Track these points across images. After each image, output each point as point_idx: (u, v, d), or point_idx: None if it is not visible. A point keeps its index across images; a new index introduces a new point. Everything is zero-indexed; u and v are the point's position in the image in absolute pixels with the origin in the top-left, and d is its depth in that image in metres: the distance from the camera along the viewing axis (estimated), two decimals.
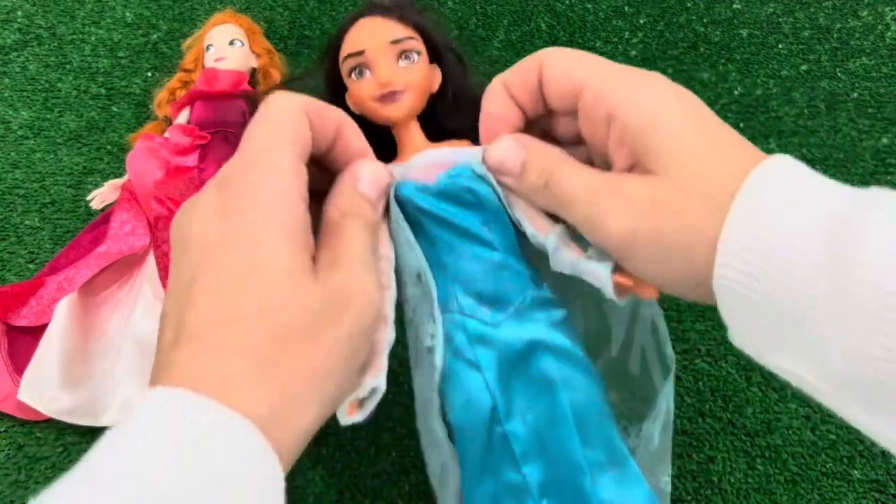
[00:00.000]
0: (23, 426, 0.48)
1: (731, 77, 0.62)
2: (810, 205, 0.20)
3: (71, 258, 0.53)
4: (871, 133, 0.58)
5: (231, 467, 0.17)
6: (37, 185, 0.59)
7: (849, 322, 0.18)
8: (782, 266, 0.20)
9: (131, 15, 0.69)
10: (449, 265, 0.28)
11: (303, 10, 0.69)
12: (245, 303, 0.20)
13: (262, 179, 0.22)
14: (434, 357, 0.26)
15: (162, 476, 0.16)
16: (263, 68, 0.60)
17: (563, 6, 0.67)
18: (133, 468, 0.16)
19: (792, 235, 0.20)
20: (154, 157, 0.53)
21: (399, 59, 0.29)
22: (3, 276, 0.55)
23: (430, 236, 0.28)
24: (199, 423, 0.17)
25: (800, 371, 0.21)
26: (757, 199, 0.21)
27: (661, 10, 0.66)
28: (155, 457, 0.16)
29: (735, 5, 0.66)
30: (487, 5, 0.68)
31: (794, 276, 0.19)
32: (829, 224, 0.19)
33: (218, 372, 0.18)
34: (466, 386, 0.27)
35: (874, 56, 0.62)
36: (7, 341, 0.50)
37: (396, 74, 0.29)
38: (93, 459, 0.17)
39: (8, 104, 0.63)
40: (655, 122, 0.23)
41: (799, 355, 0.21)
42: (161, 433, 0.17)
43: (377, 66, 0.29)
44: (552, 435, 0.26)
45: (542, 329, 0.27)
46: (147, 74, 0.65)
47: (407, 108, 0.29)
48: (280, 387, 0.19)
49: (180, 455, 0.16)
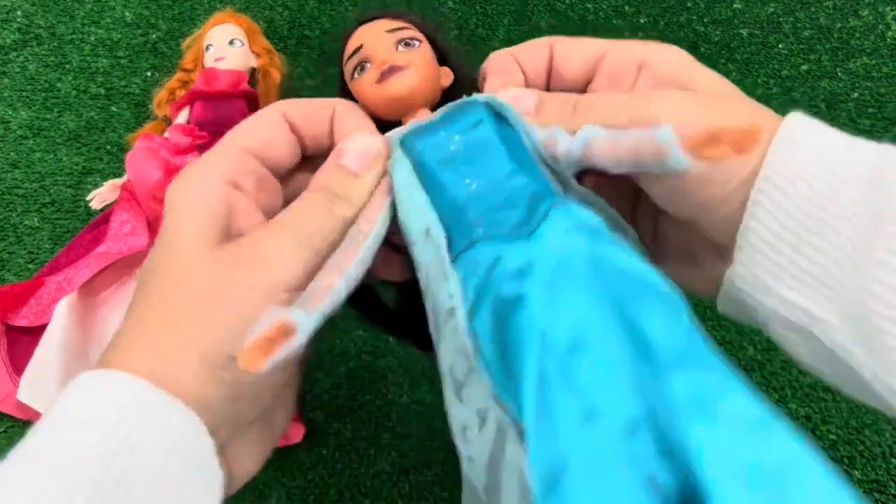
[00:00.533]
0: (22, 426, 0.48)
1: (732, 77, 0.61)
2: (847, 149, 0.22)
3: (70, 258, 0.53)
4: (872, 133, 0.58)
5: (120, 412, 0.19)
6: (36, 185, 0.59)
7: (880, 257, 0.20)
8: (821, 196, 0.21)
9: (131, 14, 0.69)
10: (460, 196, 0.25)
11: (303, 10, 0.69)
12: (153, 285, 0.22)
13: (185, 176, 0.25)
14: (456, 320, 0.23)
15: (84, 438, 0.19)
16: (263, 68, 0.60)
17: (564, 6, 0.67)
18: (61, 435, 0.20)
19: (832, 169, 0.21)
20: (153, 156, 0.53)
21: (398, 46, 0.28)
22: (2, 276, 0.54)
23: (438, 178, 0.26)
24: (99, 388, 0.20)
25: (811, 305, 0.21)
26: (795, 134, 0.23)
27: (662, 10, 0.66)
28: (75, 425, 0.20)
29: (735, 5, 0.66)
30: (487, 5, 0.68)
31: (834, 204, 0.21)
32: (868, 168, 0.21)
33: (125, 347, 0.21)
34: (514, 326, 0.22)
35: (875, 56, 0.62)
36: (7, 341, 0.50)
37: (395, 54, 0.28)
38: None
39: (7, 104, 0.63)
40: (690, 69, 0.25)
41: (814, 288, 0.21)
42: (69, 401, 0.20)
43: (375, 53, 0.28)
44: (624, 351, 0.20)
45: (582, 235, 0.23)
46: (146, 74, 0.65)
47: (409, 83, 0.27)
48: (163, 348, 0.21)
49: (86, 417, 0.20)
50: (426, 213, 0.25)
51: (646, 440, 0.18)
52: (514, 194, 0.25)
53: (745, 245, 0.23)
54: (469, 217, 0.25)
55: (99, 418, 0.19)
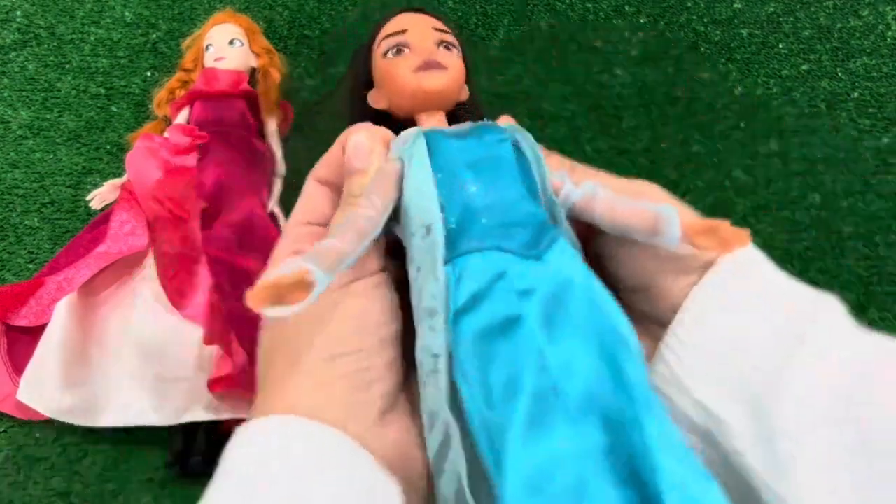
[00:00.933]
0: (22, 426, 0.48)
1: (732, 77, 0.61)
2: (786, 291, 0.25)
3: (70, 258, 0.53)
4: (872, 133, 0.58)
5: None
6: (36, 185, 0.59)
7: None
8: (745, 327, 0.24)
9: (131, 14, 0.69)
10: (476, 201, 0.26)
11: (302, 10, 0.69)
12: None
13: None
14: (434, 321, 0.24)
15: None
16: (263, 68, 0.60)
17: (564, 5, 0.67)
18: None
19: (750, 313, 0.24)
20: (153, 156, 0.52)
21: (440, 46, 0.29)
22: (2, 276, 0.54)
23: (462, 177, 0.26)
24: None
25: (724, 412, 0.23)
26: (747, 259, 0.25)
27: (662, 10, 0.66)
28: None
29: (736, 5, 0.66)
30: (487, 5, 0.68)
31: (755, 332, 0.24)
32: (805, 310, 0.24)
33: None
34: (511, 342, 0.23)
35: (875, 56, 0.62)
36: (6, 341, 0.50)
37: (437, 52, 0.29)
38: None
39: (7, 104, 0.63)
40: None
41: (719, 387, 0.23)
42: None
43: (419, 42, 0.29)
44: (604, 386, 0.22)
45: (579, 269, 0.25)
46: (146, 74, 0.65)
47: (445, 82, 0.28)
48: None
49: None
50: (432, 211, 0.26)
51: (607, 466, 0.21)
52: (526, 217, 0.26)
53: (671, 341, 0.25)
54: (483, 224, 0.25)
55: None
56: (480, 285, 0.24)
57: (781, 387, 0.22)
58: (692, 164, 0.58)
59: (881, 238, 0.54)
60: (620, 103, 0.61)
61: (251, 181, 0.54)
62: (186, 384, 0.46)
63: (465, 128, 0.28)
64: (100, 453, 0.47)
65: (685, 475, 0.21)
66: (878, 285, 0.52)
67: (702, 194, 0.56)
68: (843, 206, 0.55)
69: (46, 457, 0.47)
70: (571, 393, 0.22)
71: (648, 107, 0.61)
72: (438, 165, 0.27)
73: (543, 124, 0.60)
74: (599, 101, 0.61)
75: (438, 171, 0.26)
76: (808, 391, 0.22)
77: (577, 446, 0.21)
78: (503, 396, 0.23)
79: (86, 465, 0.47)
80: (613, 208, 0.26)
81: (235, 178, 0.53)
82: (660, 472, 0.20)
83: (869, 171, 0.56)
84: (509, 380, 0.23)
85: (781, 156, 0.58)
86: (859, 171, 0.57)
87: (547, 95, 0.61)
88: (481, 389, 0.23)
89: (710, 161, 0.58)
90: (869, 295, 0.52)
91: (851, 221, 0.55)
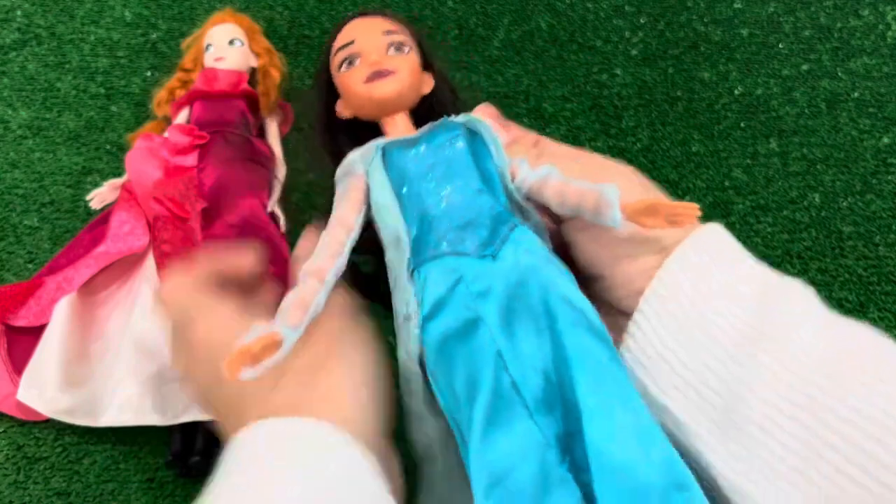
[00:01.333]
0: (22, 426, 0.48)
1: (732, 76, 0.61)
2: (742, 276, 0.25)
3: (70, 258, 0.53)
4: (872, 133, 0.58)
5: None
6: (36, 185, 0.59)
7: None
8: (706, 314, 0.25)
9: (130, 14, 0.69)
10: (432, 209, 0.27)
11: (302, 10, 0.69)
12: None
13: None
14: (410, 326, 0.26)
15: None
16: (263, 68, 0.60)
17: (564, 5, 0.67)
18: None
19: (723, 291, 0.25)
20: (153, 156, 0.52)
21: (388, 49, 0.30)
22: (2, 276, 0.54)
23: (416, 188, 0.28)
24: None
25: (680, 412, 0.24)
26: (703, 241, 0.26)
27: (662, 9, 0.66)
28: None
29: (736, 4, 0.66)
30: (487, 5, 0.68)
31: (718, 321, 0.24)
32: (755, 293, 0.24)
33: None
34: (470, 344, 0.24)
35: (875, 55, 0.62)
36: (6, 341, 0.50)
37: (386, 58, 0.29)
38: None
39: (7, 104, 0.63)
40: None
41: (684, 392, 0.24)
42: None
43: (367, 52, 0.29)
44: (562, 379, 0.23)
45: (536, 258, 0.26)
46: (146, 74, 0.65)
47: (395, 88, 0.29)
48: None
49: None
50: (398, 222, 0.27)
51: (559, 456, 0.22)
52: (480, 214, 0.27)
53: (633, 330, 0.26)
54: (439, 230, 0.27)
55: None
56: (441, 292, 0.26)
57: (744, 379, 0.22)
58: (692, 164, 0.58)
59: (881, 238, 0.54)
60: (620, 103, 0.61)
61: (251, 181, 0.54)
62: None
63: (418, 134, 0.29)
64: (100, 453, 0.47)
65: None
66: (878, 285, 0.52)
67: (702, 194, 0.56)
68: (843, 206, 0.55)
69: (46, 457, 0.47)
70: (530, 386, 0.23)
71: (648, 107, 0.61)
72: (397, 180, 0.28)
73: (543, 124, 0.60)
74: (599, 100, 0.61)
75: (399, 185, 0.28)
76: (771, 385, 0.22)
77: (537, 438, 0.22)
78: (466, 397, 0.24)
79: (86, 465, 0.47)
80: (563, 191, 0.27)
81: (235, 178, 0.53)
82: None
83: (869, 171, 0.56)
84: (469, 381, 0.24)
85: (781, 156, 0.58)
86: (859, 171, 0.57)
87: (547, 95, 0.61)
88: (449, 392, 0.25)
89: (710, 161, 0.58)
90: (869, 295, 0.52)
91: (851, 221, 0.55)
